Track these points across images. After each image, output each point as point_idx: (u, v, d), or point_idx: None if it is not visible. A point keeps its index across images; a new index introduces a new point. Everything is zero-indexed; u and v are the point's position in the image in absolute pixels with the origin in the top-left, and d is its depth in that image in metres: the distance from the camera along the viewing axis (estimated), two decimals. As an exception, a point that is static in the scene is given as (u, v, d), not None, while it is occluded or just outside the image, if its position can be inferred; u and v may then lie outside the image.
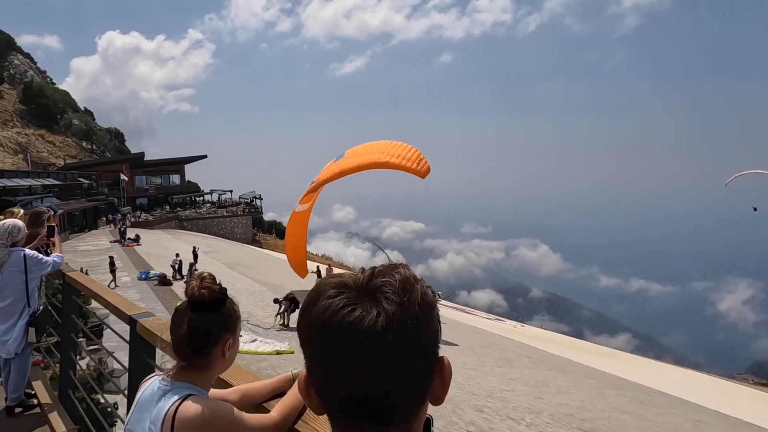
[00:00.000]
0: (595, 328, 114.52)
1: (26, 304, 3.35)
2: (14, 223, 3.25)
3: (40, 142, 53.40)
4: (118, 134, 72.07)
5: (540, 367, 15.53)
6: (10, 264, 3.20)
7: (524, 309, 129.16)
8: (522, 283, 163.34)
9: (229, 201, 52.61)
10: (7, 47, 67.01)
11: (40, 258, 3.34)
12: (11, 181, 29.63)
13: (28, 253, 3.30)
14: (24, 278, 3.27)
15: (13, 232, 3.21)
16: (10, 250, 3.21)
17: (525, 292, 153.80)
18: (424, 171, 16.22)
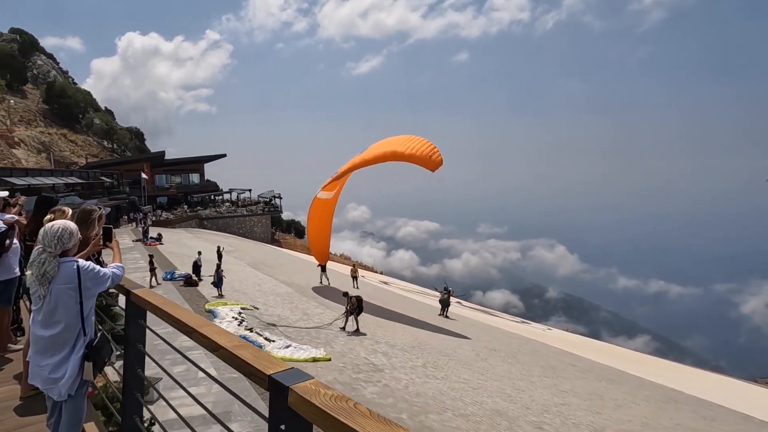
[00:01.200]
0: (613, 329, 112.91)
1: (81, 332, 2.61)
2: (65, 225, 2.59)
3: (63, 141, 53.81)
4: (138, 134, 72.54)
5: (588, 377, 14.68)
6: (61, 279, 2.50)
7: (540, 310, 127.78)
8: (538, 284, 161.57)
9: (248, 200, 52.43)
10: (31, 48, 67.99)
11: (97, 271, 2.62)
12: (36, 179, 29.61)
13: (83, 264, 2.59)
14: (78, 297, 2.55)
15: (64, 238, 2.53)
16: (60, 261, 2.52)
17: (541, 292, 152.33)
18: (435, 164, 16.82)
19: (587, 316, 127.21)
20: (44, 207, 4.06)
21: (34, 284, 2.49)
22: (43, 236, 2.54)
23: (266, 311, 15.47)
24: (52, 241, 2.51)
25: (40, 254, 2.52)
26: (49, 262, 2.48)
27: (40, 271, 2.47)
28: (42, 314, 2.55)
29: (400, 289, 34.51)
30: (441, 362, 13.14)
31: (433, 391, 10.63)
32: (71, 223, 2.68)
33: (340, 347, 13.21)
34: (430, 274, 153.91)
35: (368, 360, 12.27)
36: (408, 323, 17.95)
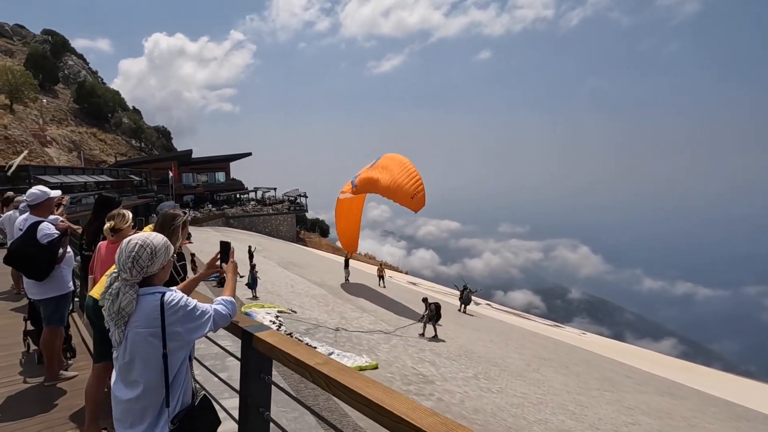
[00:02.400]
0: (638, 331, 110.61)
1: (165, 399, 1.77)
2: (145, 241, 1.81)
3: (93, 140, 54.58)
4: (165, 132, 73.34)
5: (647, 390, 13.66)
6: (138, 319, 1.73)
7: (563, 311, 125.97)
8: (560, 284, 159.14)
9: (273, 199, 52.26)
10: (63, 49, 69.28)
11: (191, 308, 1.78)
12: (68, 177, 29.78)
13: (169, 298, 1.76)
14: (161, 347, 1.72)
15: (142, 259, 1.77)
16: (140, 293, 1.76)
17: (563, 293, 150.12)
18: (416, 206, 18.15)
19: (611, 317, 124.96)
20: (105, 210, 3.43)
21: (110, 324, 1.79)
22: (118, 256, 1.80)
23: (303, 314, 14.90)
24: (127, 263, 1.76)
25: (113, 282, 1.79)
26: (125, 294, 1.73)
27: (114, 306, 1.74)
28: (118, 367, 1.83)
29: (430, 291, 33.61)
30: (492, 373, 12.32)
31: (491, 406, 9.83)
32: (156, 238, 1.86)
33: (384, 355, 12.51)
34: (450, 274, 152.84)
35: (416, 370, 11.54)
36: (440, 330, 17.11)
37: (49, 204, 3.55)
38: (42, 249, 3.27)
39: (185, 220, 2.52)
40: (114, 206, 3.45)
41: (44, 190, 3.58)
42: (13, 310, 5.65)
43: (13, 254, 3.32)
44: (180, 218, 2.48)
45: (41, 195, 3.54)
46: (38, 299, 3.43)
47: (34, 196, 3.51)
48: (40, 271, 3.29)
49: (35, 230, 3.32)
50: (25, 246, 3.27)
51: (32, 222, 3.44)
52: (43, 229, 3.39)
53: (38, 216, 3.48)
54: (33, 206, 3.49)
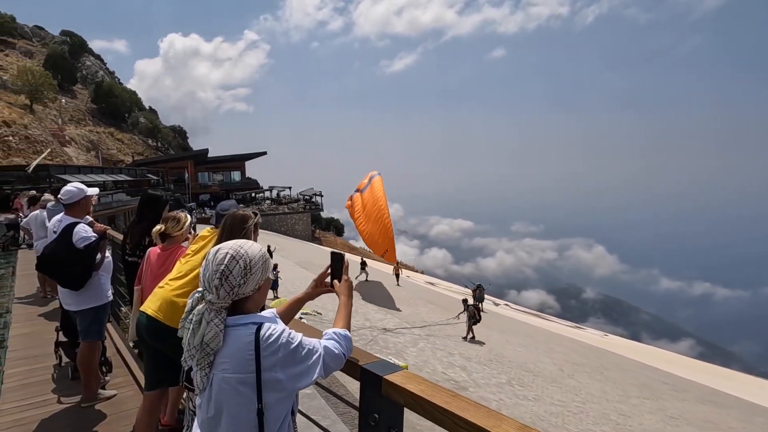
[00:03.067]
0: (654, 332, 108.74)
1: None
2: (239, 252, 1.32)
3: (110, 139, 55.02)
4: (181, 132, 73.77)
5: (687, 398, 13.03)
6: (226, 360, 1.29)
7: (577, 311, 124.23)
8: (575, 284, 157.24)
9: (288, 198, 52.12)
10: (81, 49, 70.00)
11: (295, 345, 1.30)
12: (87, 176, 29.85)
13: (269, 332, 1.28)
14: (254, 399, 1.26)
15: (234, 275, 1.30)
16: (229, 324, 1.30)
17: (578, 293, 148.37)
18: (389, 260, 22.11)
19: (626, 318, 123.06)
20: (151, 210, 3.04)
21: (189, 361, 1.32)
22: (203, 270, 1.33)
23: (326, 316, 14.56)
24: (213, 280, 1.29)
25: (195, 304, 1.32)
26: (209, 323, 1.26)
27: (196, 339, 1.27)
28: (200, 422, 1.36)
29: (449, 291, 33.09)
30: (526, 379, 11.82)
31: (530, 415, 9.36)
32: (252, 248, 1.35)
33: (413, 359, 12.10)
34: (464, 273, 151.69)
35: (447, 375, 11.10)
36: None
37: (86, 203, 3.18)
38: (78, 254, 2.91)
39: (257, 222, 2.12)
40: (162, 205, 3.07)
41: (81, 188, 3.18)
42: (41, 316, 5.33)
43: (46, 260, 2.96)
44: (252, 219, 2.07)
45: (78, 193, 3.13)
46: (74, 310, 3.06)
47: (69, 194, 3.10)
48: (76, 279, 2.93)
49: (71, 233, 2.97)
50: (60, 251, 2.92)
51: (67, 224, 3.05)
52: (79, 232, 3.00)
53: (74, 216, 3.13)
54: (68, 205, 3.12)
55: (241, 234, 2.01)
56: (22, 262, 9.04)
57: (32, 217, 6.14)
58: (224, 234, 2.02)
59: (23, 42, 63.38)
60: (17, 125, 40.47)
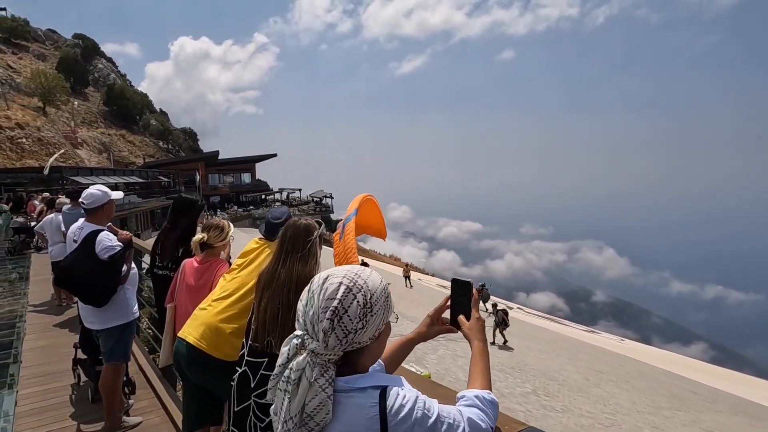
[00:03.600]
0: (665, 336, 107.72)
1: None
2: (357, 283, 0.93)
3: (122, 141, 55.25)
4: (191, 134, 74.00)
5: (720, 409, 12.50)
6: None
7: (587, 314, 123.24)
8: (584, 287, 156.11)
9: (298, 200, 52.01)
10: (93, 53, 70.50)
11: (433, 419, 0.88)
12: (99, 178, 29.84)
13: (397, 403, 0.87)
14: None
15: (349, 317, 0.90)
16: (338, 388, 0.90)
17: (587, 296, 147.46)
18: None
19: (637, 321, 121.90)
20: (185, 216, 2.71)
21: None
22: (305, 306, 0.94)
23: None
24: (321, 320, 0.90)
25: (293, 354, 0.91)
26: (313, 386, 0.88)
27: (294, 406, 0.87)
28: None
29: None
30: (551, 388, 11.38)
31: (559, 428, 8.94)
32: (371, 278, 0.97)
33: (433, 366, 11.73)
34: (472, 275, 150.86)
35: (470, 384, 10.70)
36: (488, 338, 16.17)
37: (110, 208, 2.83)
38: (102, 266, 2.58)
39: (322, 234, 1.77)
40: (197, 211, 2.73)
41: (105, 191, 2.83)
42: (57, 327, 5.01)
43: (66, 273, 2.63)
44: (317, 230, 1.72)
45: (102, 197, 2.78)
46: (98, 329, 2.73)
47: (92, 198, 2.75)
48: (100, 295, 2.60)
49: (94, 242, 2.63)
50: (82, 262, 2.59)
51: (90, 231, 2.71)
52: (102, 241, 2.65)
53: (96, 223, 2.78)
54: (90, 210, 2.77)
55: (305, 248, 1.66)
56: (36, 266, 8.78)
57: (47, 221, 5.86)
58: (284, 248, 1.68)
59: (36, 45, 63.95)
60: (30, 127, 40.71)
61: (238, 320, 1.89)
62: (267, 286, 1.64)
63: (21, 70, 52.63)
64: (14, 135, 38.38)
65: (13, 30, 60.47)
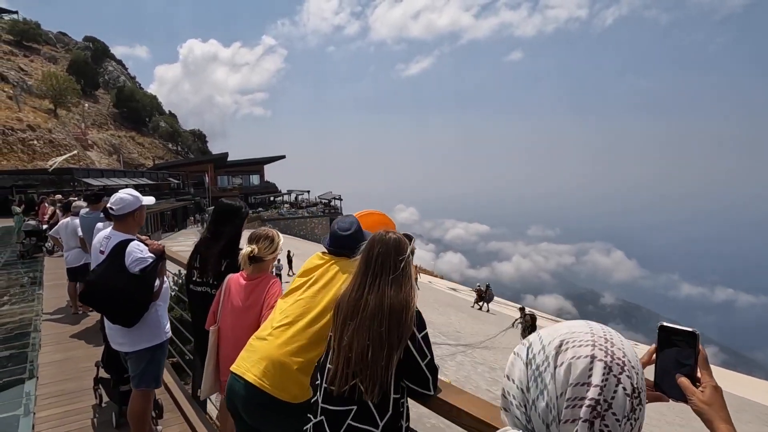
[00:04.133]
0: None
1: None
2: (616, 357, 0.62)
3: (131, 143, 55.46)
4: (200, 136, 74.20)
5: (749, 419, 12.02)
6: None
7: (594, 316, 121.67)
8: (592, 290, 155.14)
9: (307, 201, 51.84)
10: (103, 55, 70.90)
11: None
12: (110, 180, 29.81)
13: None
14: None
15: (616, 415, 0.60)
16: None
17: (595, 298, 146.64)
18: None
19: (646, 324, 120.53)
20: (229, 224, 2.40)
21: None
22: (527, 385, 0.66)
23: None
24: (566, 419, 0.61)
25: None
26: None
27: None
28: None
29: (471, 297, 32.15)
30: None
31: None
32: (630, 350, 0.64)
33: (453, 374, 11.36)
34: (479, 277, 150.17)
35: (492, 393, 10.33)
36: (512, 344, 15.78)
37: (140, 215, 2.53)
38: (134, 281, 2.28)
39: (414, 250, 1.45)
40: (242, 218, 2.43)
41: (136, 195, 2.50)
42: (74, 338, 4.73)
43: (93, 289, 2.34)
44: (409, 246, 1.41)
45: (133, 202, 2.45)
46: (127, 351, 2.43)
47: (122, 203, 2.43)
48: (130, 313, 2.30)
49: (123, 254, 2.32)
50: (111, 277, 2.28)
51: (119, 242, 2.39)
52: (133, 252, 2.33)
53: (125, 232, 2.47)
54: (119, 217, 2.46)
55: (398, 269, 1.35)
56: (49, 270, 8.54)
57: (62, 225, 5.60)
58: (370, 269, 1.36)
59: (48, 48, 64.42)
60: (42, 129, 40.88)
61: (305, 353, 1.57)
62: (350, 317, 1.33)
63: (32, 72, 52.98)
64: (26, 137, 38.54)
65: (25, 33, 60.93)
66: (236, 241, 2.35)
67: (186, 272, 2.49)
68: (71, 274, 5.54)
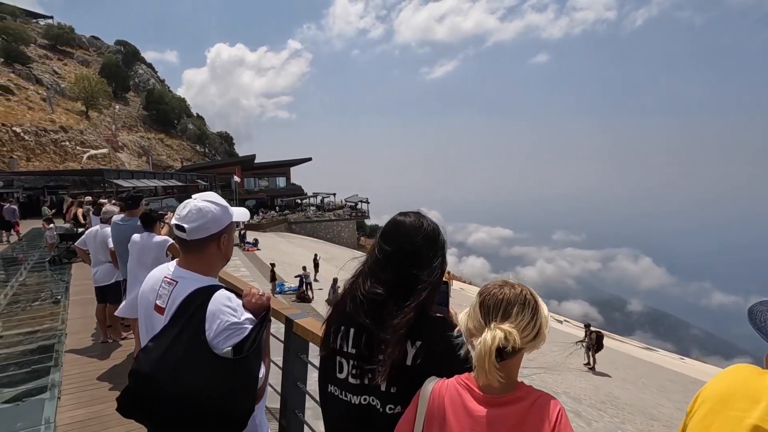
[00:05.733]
0: (706, 348, 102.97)
1: None
2: None
3: (160, 145, 55.73)
4: (227, 138, 74.37)
5: None
6: None
7: (621, 324, 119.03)
8: (619, 296, 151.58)
9: (333, 204, 51.16)
10: (134, 58, 71.90)
11: None
12: (140, 182, 29.52)
13: None
14: None
15: None
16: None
17: (622, 305, 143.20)
18: None
19: (675, 333, 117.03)
20: (424, 263, 1.21)
21: None
22: None
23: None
24: None
25: None
26: None
27: None
28: None
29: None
30: (658, 431, 9.60)
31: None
32: None
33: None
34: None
35: (582, 429, 9.04)
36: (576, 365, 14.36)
37: (229, 241, 1.45)
38: (222, 372, 1.17)
39: None
40: (443, 247, 1.26)
41: (223, 205, 1.42)
42: (102, 381, 3.72)
43: (150, 386, 1.17)
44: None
45: (219, 216, 1.39)
46: None
47: (201, 217, 1.36)
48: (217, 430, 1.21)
49: (201, 316, 1.23)
50: (183, 364, 1.17)
51: (194, 292, 1.30)
52: (220, 315, 1.23)
53: (203, 271, 1.40)
54: (194, 244, 1.38)
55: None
56: (77, 281, 7.65)
57: (90, 235, 4.59)
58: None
59: (81, 51, 65.56)
60: (74, 130, 41.22)
61: None
62: None
63: (66, 75, 53.81)
64: (58, 138, 38.83)
65: (59, 37, 62.12)
66: (441, 300, 1.24)
67: (321, 354, 1.31)
68: (100, 294, 4.56)
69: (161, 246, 3.64)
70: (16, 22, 56.43)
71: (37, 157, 35.78)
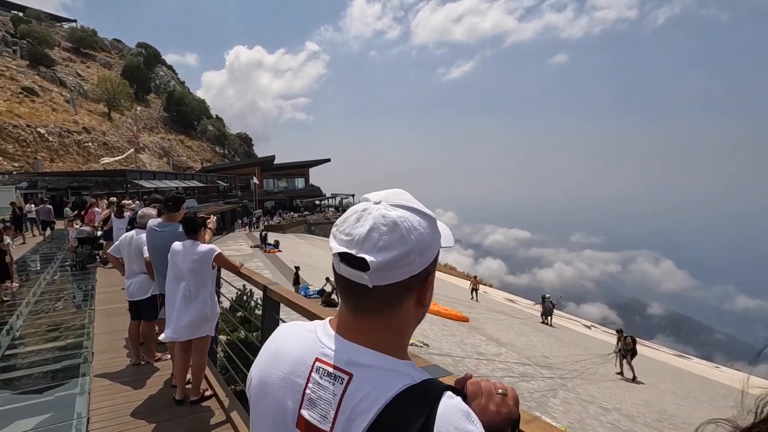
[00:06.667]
0: (729, 354, 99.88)
1: None
2: None
3: (180, 146, 56.02)
4: (246, 139, 74.63)
5: None
6: None
7: (641, 327, 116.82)
8: (638, 299, 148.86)
9: (351, 206, 50.80)
10: (155, 61, 72.62)
11: None
12: (162, 182, 29.41)
13: None
14: None
15: None
16: None
17: (642, 308, 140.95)
18: None
19: (697, 337, 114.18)
20: None
21: None
22: None
23: (433, 347, 12.15)
24: None
25: None
26: None
27: None
28: None
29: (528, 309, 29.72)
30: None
31: None
32: None
33: (561, 416, 9.33)
34: (520, 284, 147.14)
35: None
36: (608, 373, 13.49)
37: (430, 284, 0.68)
38: None
39: None
40: None
41: (428, 216, 0.65)
42: (136, 418, 3.14)
43: None
44: None
45: (427, 235, 0.65)
46: None
47: (401, 239, 0.63)
48: None
49: None
50: None
51: (397, 397, 0.57)
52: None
53: (392, 348, 0.66)
54: (380, 297, 0.64)
55: None
56: (102, 288, 7.15)
57: (125, 241, 3.99)
58: None
59: (103, 54, 66.43)
60: (96, 132, 41.53)
61: None
62: None
63: (89, 77, 54.47)
64: (81, 139, 39.14)
65: (82, 40, 63.04)
66: None
67: None
68: (134, 309, 3.98)
69: (206, 257, 3.06)
70: (41, 25, 57.37)
71: (60, 158, 36.07)
